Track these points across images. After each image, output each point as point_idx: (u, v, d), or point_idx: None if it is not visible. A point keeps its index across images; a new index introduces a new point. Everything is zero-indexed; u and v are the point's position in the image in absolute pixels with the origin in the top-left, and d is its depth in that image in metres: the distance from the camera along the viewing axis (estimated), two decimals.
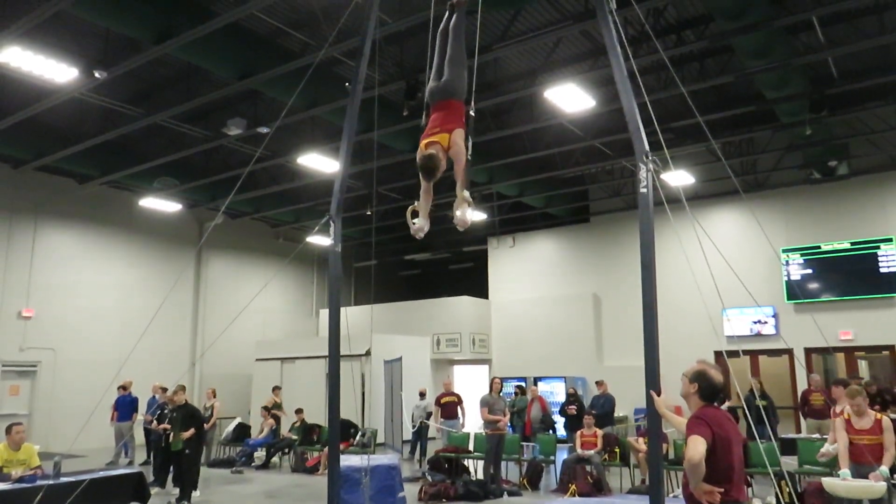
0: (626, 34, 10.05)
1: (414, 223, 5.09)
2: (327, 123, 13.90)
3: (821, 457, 7.33)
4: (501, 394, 11.81)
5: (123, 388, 13.85)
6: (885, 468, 5.94)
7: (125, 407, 13.80)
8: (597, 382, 14.35)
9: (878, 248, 15.24)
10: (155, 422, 11.59)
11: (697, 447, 3.42)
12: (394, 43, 11.00)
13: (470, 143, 4.98)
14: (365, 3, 6.21)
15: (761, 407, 10.29)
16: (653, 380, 4.35)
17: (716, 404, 3.88)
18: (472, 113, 5.21)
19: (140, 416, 13.79)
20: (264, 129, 12.51)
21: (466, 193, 4.86)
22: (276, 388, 15.58)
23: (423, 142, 4.92)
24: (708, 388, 3.76)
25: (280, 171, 16.66)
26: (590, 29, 10.60)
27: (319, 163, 14.41)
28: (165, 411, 11.02)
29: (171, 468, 10.35)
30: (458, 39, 5.19)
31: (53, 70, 10.18)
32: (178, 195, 16.99)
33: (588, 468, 10.37)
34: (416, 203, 5.12)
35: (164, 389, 13.01)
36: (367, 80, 6.35)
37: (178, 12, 9.40)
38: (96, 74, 10.26)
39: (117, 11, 9.04)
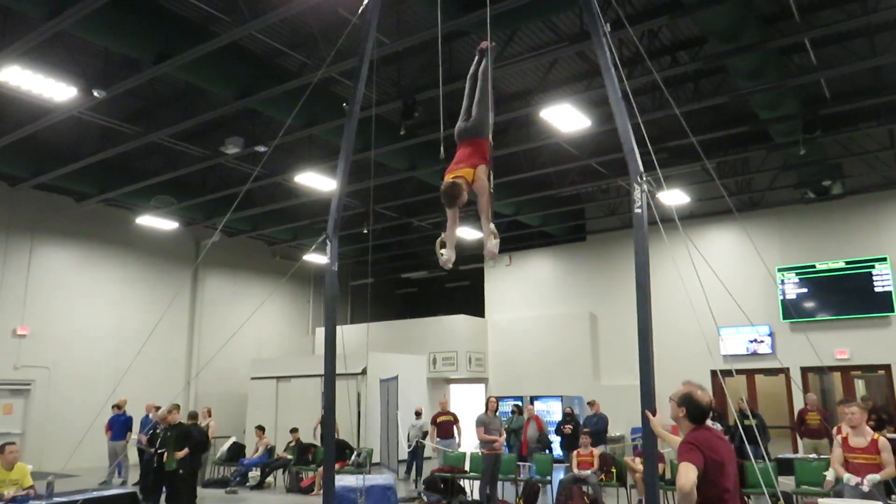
0: (621, 55, 10.18)
1: (442, 254, 5.21)
2: (325, 142, 13.97)
3: (827, 485, 7.39)
4: (498, 413, 11.77)
5: (118, 406, 13.77)
6: (877, 476, 6.01)
7: (119, 426, 13.71)
8: (589, 403, 14.31)
9: (873, 267, 15.30)
10: (147, 441, 11.52)
11: (689, 475, 3.39)
12: (391, 63, 11.09)
13: (492, 176, 5.19)
14: (363, 24, 6.27)
15: (751, 426, 10.25)
16: (648, 400, 4.35)
17: (708, 424, 3.87)
18: (490, 142, 5.43)
19: (134, 436, 13.70)
20: (262, 148, 12.56)
21: (492, 226, 5.11)
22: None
23: (448, 175, 5.13)
24: (695, 410, 3.76)
25: (277, 190, 16.70)
26: (585, 50, 10.70)
27: (317, 181, 14.46)
28: (158, 430, 10.96)
29: (165, 488, 10.26)
30: (485, 83, 5.48)
31: (52, 89, 10.24)
32: (175, 213, 17.00)
33: (585, 488, 10.32)
34: (443, 234, 5.28)
35: (158, 408, 12.92)
36: (364, 99, 6.41)
37: (177, 32, 9.48)
38: (95, 93, 10.31)
39: (117, 31, 9.11)
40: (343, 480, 9.43)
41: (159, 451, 10.19)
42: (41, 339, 15.98)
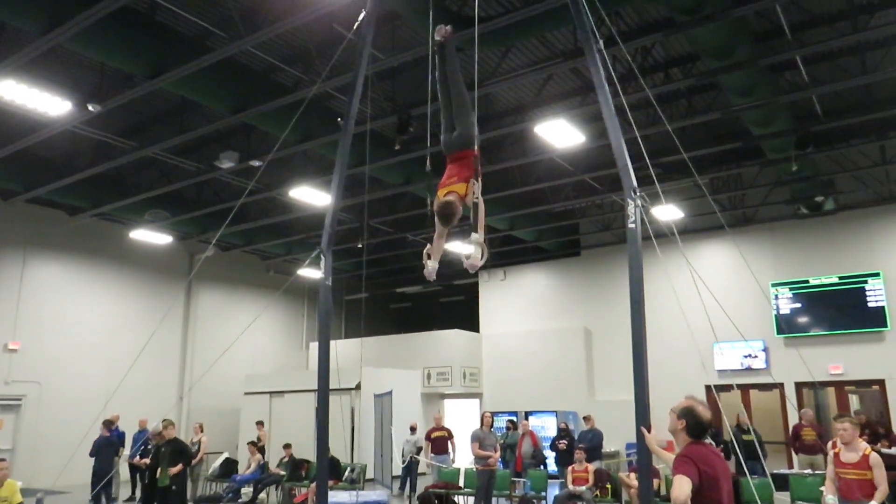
0: (614, 71, 10.24)
1: (427, 265, 5.18)
2: (319, 157, 13.99)
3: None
4: (492, 428, 11.73)
5: (110, 422, 13.64)
6: (875, 503, 5.93)
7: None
8: (584, 418, 14.28)
9: (866, 282, 15.36)
10: (138, 457, 11.45)
11: (683, 488, 3.40)
12: (386, 78, 11.14)
13: (479, 185, 5.10)
14: (358, 40, 6.31)
15: (750, 441, 10.24)
16: (643, 416, 4.34)
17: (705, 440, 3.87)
18: (476, 152, 5.24)
19: (126, 451, 13.58)
20: (256, 163, 12.57)
21: (480, 236, 4.97)
22: (259, 423, 15.43)
23: (442, 191, 5.05)
24: (695, 425, 3.76)
25: (272, 204, 16.70)
26: (579, 66, 10.78)
27: (311, 196, 14.45)
28: (149, 447, 10.89)
29: None
30: (458, 87, 5.29)
31: (47, 103, 10.23)
32: (169, 227, 16.96)
33: None
34: (429, 246, 5.21)
35: (107, 422, 12.81)
36: (359, 114, 6.44)
37: (172, 47, 9.50)
38: (90, 108, 10.30)
39: (112, 46, 9.12)
40: (336, 497, 9.37)
41: (151, 467, 10.11)
42: (33, 353, 15.86)
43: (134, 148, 12.75)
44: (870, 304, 15.26)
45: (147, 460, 10.21)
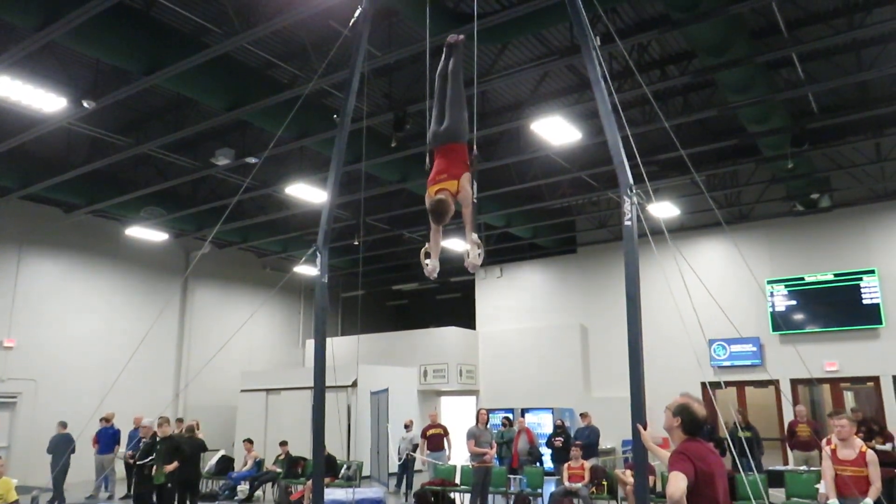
0: (611, 68, 10.26)
1: (427, 264, 5.20)
2: (315, 154, 13.96)
3: (821, 498, 7.38)
4: (488, 426, 11.74)
5: (105, 419, 13.65)
6: (869, 500, 5.95)
7: (107, 439, 13.58)
8: (581, 414, 14.30)
9: (861, 279, 15.40)
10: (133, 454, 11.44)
11: (678, 484, 3.41)
12: (382, 75, 11.13)
13: (475, 186, 5.10)
14: (354, 37, 6.29)
15: (744, 439, 10.25)
16: (639, 413, 4.35)
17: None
18: (475, 152, 5.29)
19: (122, 449, 13.57)
20: (252, 160, 12.54)
21: (475, 236, 5.05)
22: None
23: (433, 188, 5.03)
24: (691, 423, 3.77)
25: (267, 201, 16.67)
26: (576, 63, 10.77)
27: (307, 193, 14.43)
28: (141, 444, 10.88)
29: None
30: (457, 83, 5.34)
31: (42, 100, 10.18)
32: (164, 224, 16.92)
33: (576, 501, 10.29)
34: (427, 245, 5.24)
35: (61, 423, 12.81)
36: (355, 111, 6.41)
37: (168, 44, 9.46)
38: (85, 104, 10.25)
39: (107, 42, 9.09)
40: (333, 494, 9.38)
41: (148, 464, 10.10)
42: (28, 351, 15.80)
43: (129, 145, 12.70)
44: (865, 302, 15.30)
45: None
